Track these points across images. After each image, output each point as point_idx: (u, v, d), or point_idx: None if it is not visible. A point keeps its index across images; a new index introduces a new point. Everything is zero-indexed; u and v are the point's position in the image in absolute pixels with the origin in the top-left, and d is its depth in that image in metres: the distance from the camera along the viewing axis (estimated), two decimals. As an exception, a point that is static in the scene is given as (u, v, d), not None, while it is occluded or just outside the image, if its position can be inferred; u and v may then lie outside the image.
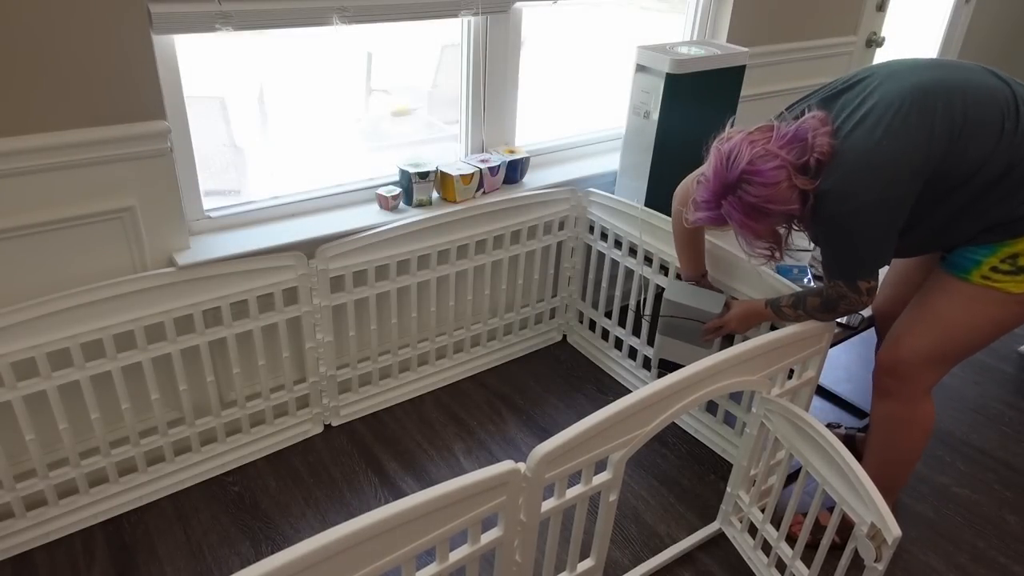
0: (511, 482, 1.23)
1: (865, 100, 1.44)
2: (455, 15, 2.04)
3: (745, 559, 1.86)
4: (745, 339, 1.59)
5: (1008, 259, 1.48)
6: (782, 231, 1.55)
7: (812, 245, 2.16)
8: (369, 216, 2.09)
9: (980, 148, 1.41)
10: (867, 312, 1.98)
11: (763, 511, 1.81)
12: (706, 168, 1.50)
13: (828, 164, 1.43)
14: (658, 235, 2.18)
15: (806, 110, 1.50)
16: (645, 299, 2.27)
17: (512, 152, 2.36)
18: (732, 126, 1.53)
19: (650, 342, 2.34)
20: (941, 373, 1.65)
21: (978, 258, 1.51)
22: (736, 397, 2.11)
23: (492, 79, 2.27)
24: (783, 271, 2.04)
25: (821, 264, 1.60)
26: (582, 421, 1.30)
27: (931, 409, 1.69)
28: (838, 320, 1.94)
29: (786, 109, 1.59)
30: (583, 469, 1.38)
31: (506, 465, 1.21)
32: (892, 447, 1.72)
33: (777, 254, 1.57)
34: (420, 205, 2.17)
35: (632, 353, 2.43)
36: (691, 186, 1.74)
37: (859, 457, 1.56)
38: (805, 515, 1.62)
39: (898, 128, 1.39)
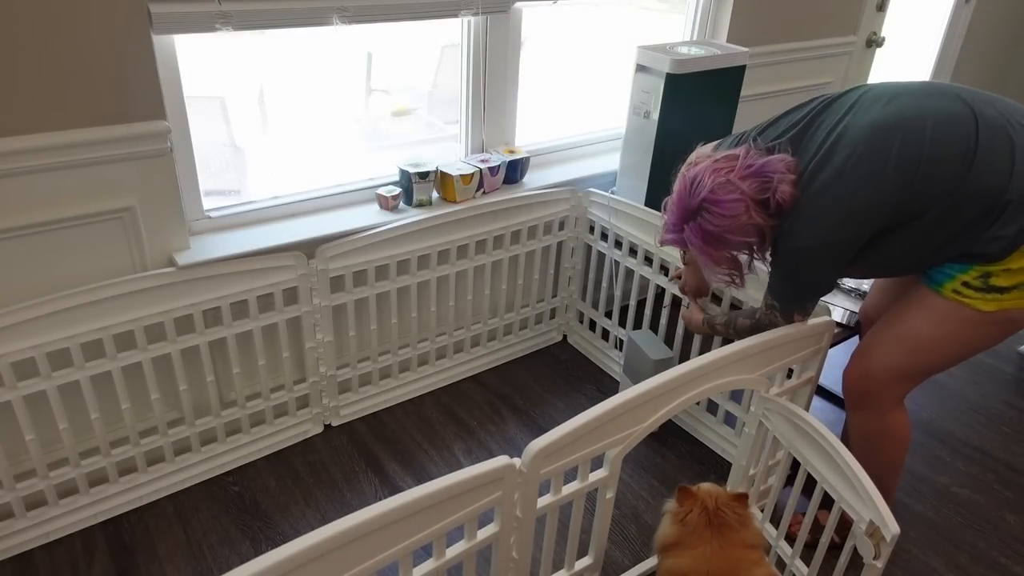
0: (506, 477, 1.23)
1: (826, 139, 1.44)
2: (455, 15, 2.05)
3: (745, 558, 1.85)
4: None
5: (981, 277, 1.46)
6: (743, 259, 1.56)
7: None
8: (369, 216, 2.10)
9: (938, 185, 1.39)
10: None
11: (762, 511, 1.81)
12: (673, 193, 1.54)
13: (788, 209, 1.45)
14: (655, 233, 2.18)
15: (776, 147, 1.49)
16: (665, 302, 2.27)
17: (512, 152, 2.36)
18: (701, 145, 1.57)
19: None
20: (909, 387, 1.64)
21: (952, 272, 1.49)
22: (736, 397, 2.11)
23: (492, 79, 2.28)
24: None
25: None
26: (577, 417, 1.30)
27: (903, 419, 1.67)
28: (837, 321, 1.95)
29: (758, 134, 1.55)
30: (579, 465, 1.38)
31: (501, 460, 1.21)
32: (871, 460, 1.67)
33: (737, 280, 1.59)
34: (420, 205, 2.17)
35: (632, 353, 2.43)
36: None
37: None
38: (804, 514, 1.62)
39: (849, 174, 1.40)
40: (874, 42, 3.36)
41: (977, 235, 1.42)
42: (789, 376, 1.74)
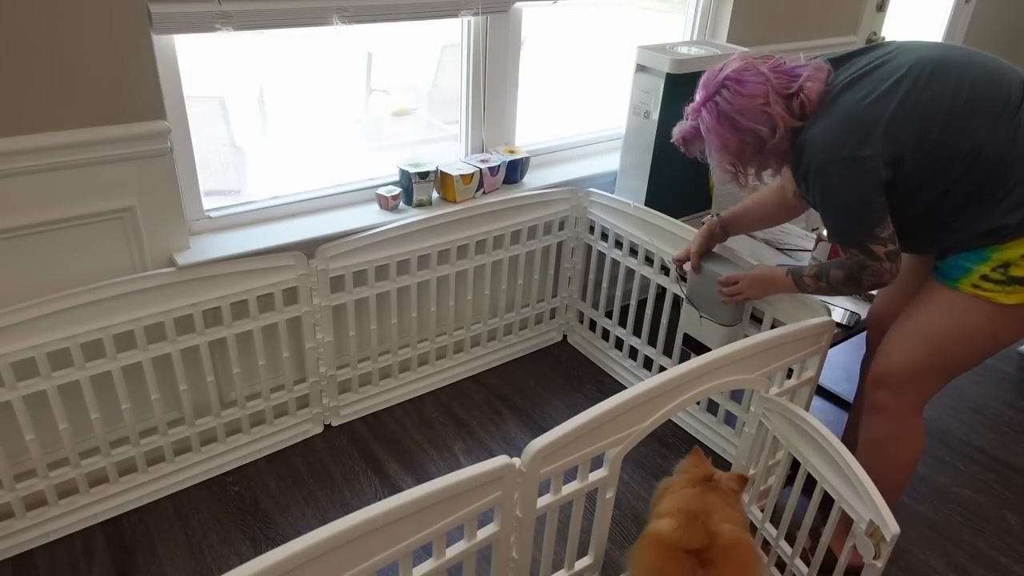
0: (506, 477, 1.23)
1: (869, 63, 1.47)
2: (455, 15, 2.05)
3: (745, 558, 1.85)
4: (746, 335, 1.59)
5: (999, 268, 1.43)
6: (749, 154, 1.54)
7: (813, 246, 2.17)
8: (369, 216, 2.10)
9: (974, 131, 1.38)
10: (864, 314, 1.98)
11: (762, 511, 1.81)
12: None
13: (812, 113, 1.47)
14: (656, 233, 2.18)
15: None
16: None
17: (512, 152, 2.36)
18: None
19: (651, 342, 2.34)
20: (933, 387, 1.61)
21: (968, 266, 1.47)
22: (737, 397, 2.11)
23: (492, 79, 2.28)
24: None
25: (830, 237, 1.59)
26: (577, 417, 1.30)
27: (920, 430, 1.65)
28: (837, 321, 1.94)
29: None
30: (579, 465, 1.38)
31: (501, 460, 1.21)
32: (879, 468, 1.65)
33: (740, 177, 1.59)
34: (420, 205, 2.17)
35: (633, 353, 2.43)
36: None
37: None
38: (813, 537, 1.60)
39: (886, 91, 1.40)
40: (874, 42, 3.35)
41: (1000, 198, 1.40)
42: (789, 376, 1.74)
